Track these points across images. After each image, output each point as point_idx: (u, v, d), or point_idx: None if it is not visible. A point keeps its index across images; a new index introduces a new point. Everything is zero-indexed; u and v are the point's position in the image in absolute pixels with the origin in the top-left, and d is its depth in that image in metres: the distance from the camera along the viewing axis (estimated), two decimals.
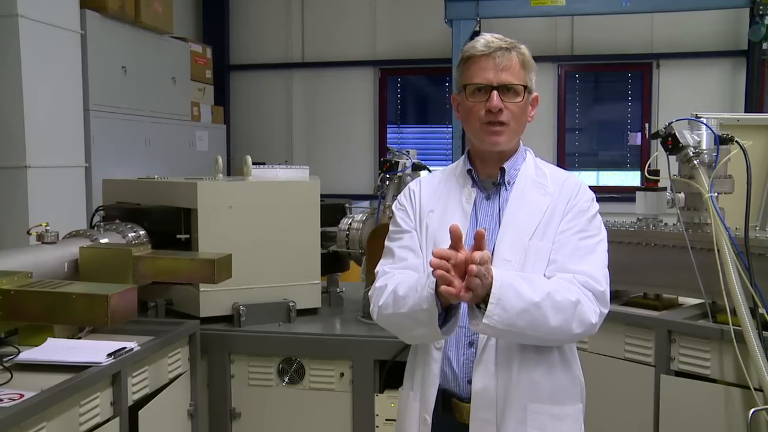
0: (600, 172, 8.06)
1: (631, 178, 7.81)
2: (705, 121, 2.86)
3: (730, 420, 2.60)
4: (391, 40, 8.08)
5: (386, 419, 2.87)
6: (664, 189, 3.07)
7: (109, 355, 2.28)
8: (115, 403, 2.29)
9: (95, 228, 3.08)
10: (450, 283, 1.63)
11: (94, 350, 2.32)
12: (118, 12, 5.55)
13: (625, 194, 6.18)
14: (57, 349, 2.33)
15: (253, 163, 3.44)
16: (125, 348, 2.36)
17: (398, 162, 3.27)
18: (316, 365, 2.98)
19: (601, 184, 7.86)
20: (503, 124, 1.89)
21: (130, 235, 3.02)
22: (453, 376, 1.90)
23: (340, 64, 8.23)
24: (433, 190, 2.04)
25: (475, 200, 1.97)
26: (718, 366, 2.67)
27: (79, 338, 2.57)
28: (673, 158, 2.89)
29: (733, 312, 2.58)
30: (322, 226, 3.34)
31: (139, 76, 5.94)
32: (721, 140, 2.80)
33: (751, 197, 2.72)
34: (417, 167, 3.29)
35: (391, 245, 2.02)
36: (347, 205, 3.67)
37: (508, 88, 1.88)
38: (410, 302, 1.79)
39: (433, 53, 7.74)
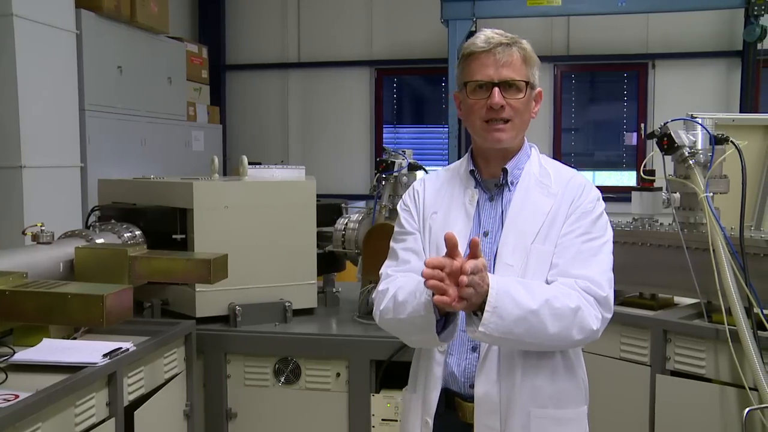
0: (596, 172, 8.07)
1: (626, 178, 7.83)
2: (700, 121, 2.86)
3: (725, 419, 2.61)
4: (387, 40, 8.08)
5: (382, 419, 2.87)
6: (660, 189, 3.09)
7: (105, 355, 2.28)
8: (110, 403, 2.29)
9: (91, 228, 3.07)
10: (444, 293, 1.60)
11: (90, 350, 2.32)
12: (114, 12, 5.53)
13: (620, 194, 6.16)
14: (52, 349, 2.32)
15: (249, 163, 3.44)
16: (121, 348, 2.36)
17: (394, 162, 3.27)
18: (312, 365, 2.97)
19: (597, 184, 7.78)
20: (506, 121, 1.85)
21: (125, 235, 3.02)
22: (456, 380, 1.89)
23: (336, 64, 8.23)
24: (436, 191, 2.01)
25: (478, 201, 1.94)
26: (713, 365, 2.68)
27: (75, 338, 2.57)
28: (668, 158, 2.90)
29: (729, 312, 2.59)
30: (318, 226, 3.33)
31: (134, 75, 5.92)
32: (717, 140, 2.81)
33: (746, 197, 2.73)
34: (413, 167, 3.29)
35: (395, 246, 2.01)
36: (343, 205, 3.66)
37: (509, 85, 1.84)
38: (409, 308, 1.78)
39: (429, 53, 7.75)
